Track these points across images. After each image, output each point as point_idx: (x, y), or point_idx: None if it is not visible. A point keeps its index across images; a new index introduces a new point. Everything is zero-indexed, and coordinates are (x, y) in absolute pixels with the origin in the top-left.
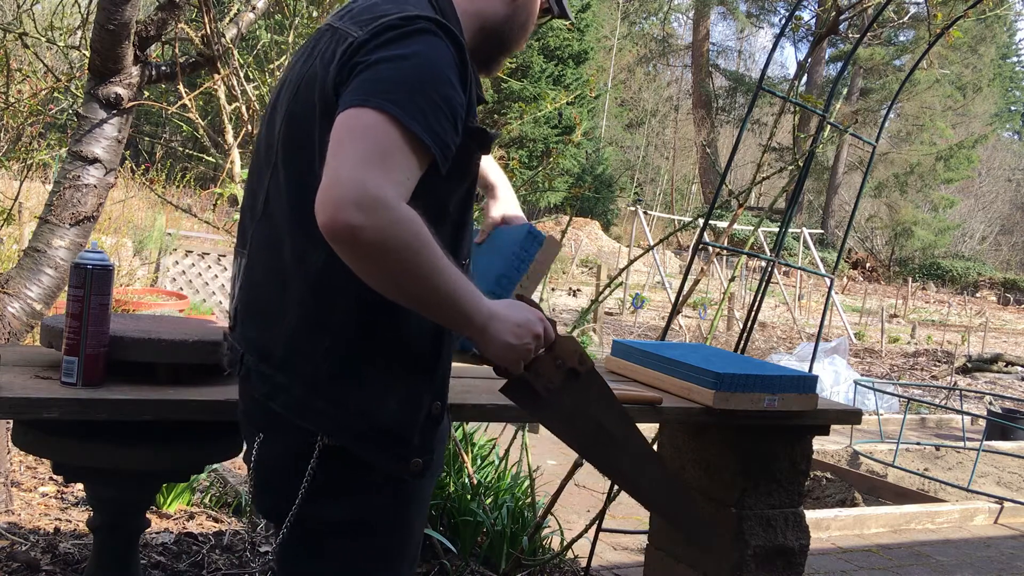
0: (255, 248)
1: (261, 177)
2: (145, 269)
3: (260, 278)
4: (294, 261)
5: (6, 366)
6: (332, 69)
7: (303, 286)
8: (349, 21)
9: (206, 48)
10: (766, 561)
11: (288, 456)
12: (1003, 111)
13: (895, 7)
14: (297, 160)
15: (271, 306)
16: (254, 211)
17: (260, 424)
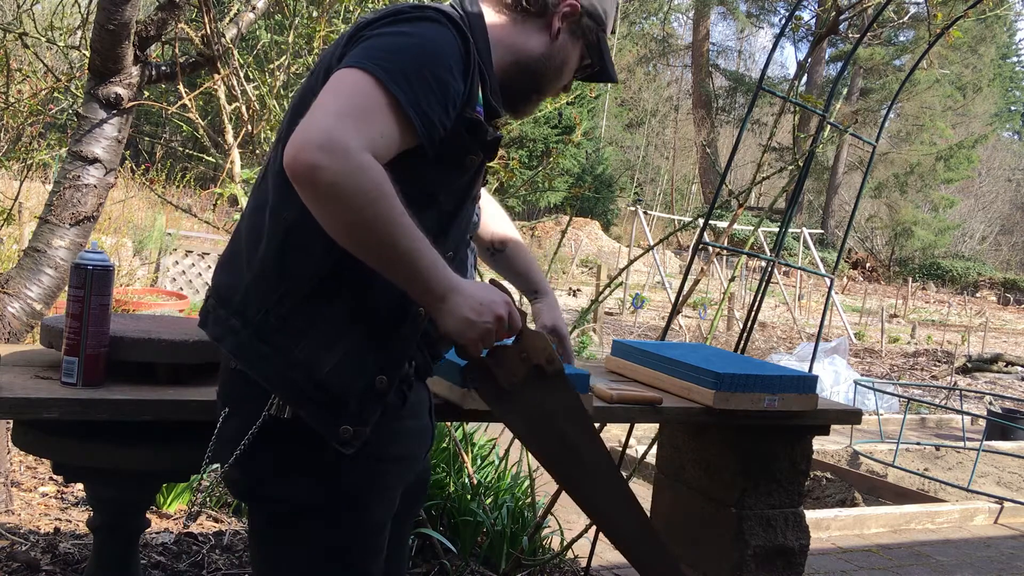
0: (246, 212)
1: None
2: (145, 269)
3: (242, 235)
4: (272, 218)
5: (6, 366)
6: (339, 48)
7: (273, 239)
8: (370, 17)
9: (206, 48)
10: (766, 561)
11: (244, 430)
12: (1003, 111)
13: (895, 7)
14: (291, 128)
15: (242, 257)
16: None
17: (226, 397)
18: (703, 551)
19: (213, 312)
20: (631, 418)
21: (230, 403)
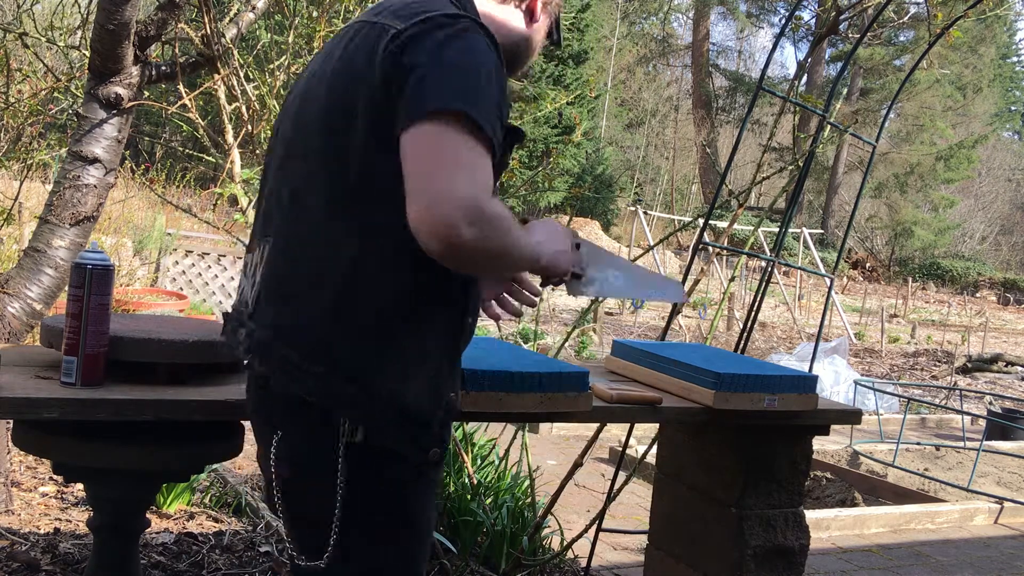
0: (285, 236)
1: (287, 168)
2: (145, 269)
3: (290, 266)
4: (329, 250)
5: (6, 366)
6: (378, 62)
7: (337, 274)
8: (388, 16)
9: (206, 48)
10: (766, 561)
11: (315, 451)
12: (1003, 111)
13: (895, 7)
14: (331, 150)
15: (303, 292)
16: (280, 201)
17: (278, 420)
18: (703, 551)
19: (280, 354)
20: (631, 418)
21: (282, 426)
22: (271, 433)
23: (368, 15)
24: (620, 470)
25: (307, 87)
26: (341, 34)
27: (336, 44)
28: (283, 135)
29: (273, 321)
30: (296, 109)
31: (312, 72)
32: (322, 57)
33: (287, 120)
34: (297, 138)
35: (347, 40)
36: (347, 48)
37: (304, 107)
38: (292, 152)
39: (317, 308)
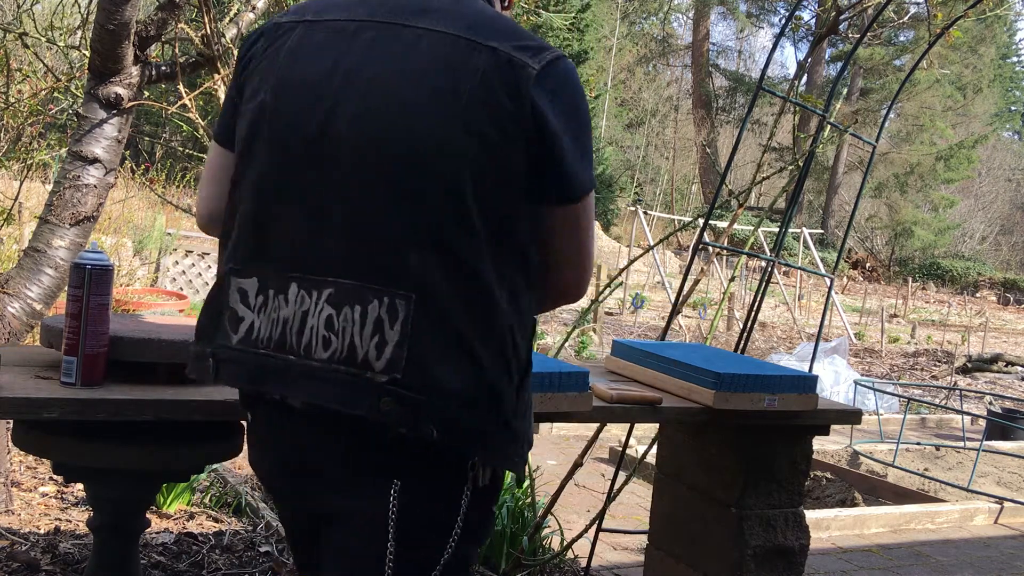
0: (423, 286)
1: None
2: (145, 269)
3: (446, 322)
4: (507, 303)
5: (6, 366)
6: (519, 111)
7: (501, 327)
8: (504, 42)
9: (206, 48)
10: (766, 561)
11: (439, 495)
12: (1003, 111)
13: (895, 7)
14: (471, 189)
15: (469, 352)
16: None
17: (397, 469)
18: (703, 551)
19: (454, 421)
20: (631, 418)
21: (402, 476)
22: (387, 484)
23: (462, 27)
24: (620, 470)
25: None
26: (404, 36)
27: (404, 47)
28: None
29: (438, 382)
30: (325, 113)
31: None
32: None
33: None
34: (383, 164)
35: (435, 52)
36: (452, 68)
37: (336, 112)
38: (380, 178)
39: (486, 362)
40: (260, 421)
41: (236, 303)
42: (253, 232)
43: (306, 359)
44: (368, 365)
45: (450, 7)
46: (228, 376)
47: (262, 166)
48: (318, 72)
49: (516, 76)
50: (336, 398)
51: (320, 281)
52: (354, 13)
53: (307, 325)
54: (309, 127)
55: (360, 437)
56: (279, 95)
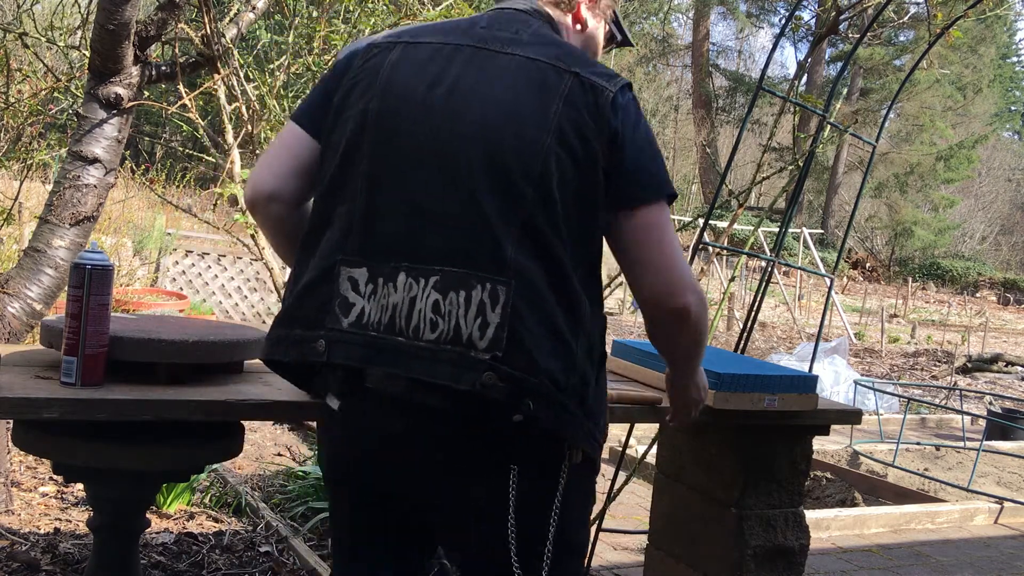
0: (525, 275)
1: (431, 186)
2: (145, 269)
3: (541, 309)
4: (588, 305)
5: (6, 366)
6: (599, 127)
7: (584, 318)
8: (584, 68)
9: (206, 48)
10: (766, 561)
11: (543, 475)
12: (1003, 111)
13: (895, 7)
14: (560, 194)
15: (565, 345)
16: (433, 221)
17: (511, 456)
18: (703, 551)
19: (548, 398)
20: (631, 418)
21: (518, 461)
22: (505, 469)
23: (550, 55)
24: (620, 470)
25: (466, 107)
26: (499, 59)
27: (500, 68)
28: (430, 145)
29: (544, 367)
30: (450, 124)
31: (464, 92)
32: (470, 78)
33: (436, 129)
34: (483, 167)
35: (528, 74)
36: (536, 86)
37: (479, 132)
38: (473, 180)
39: (578, 355)
40: (357, 411)
41: (347, 291)
42: (363, 227)
43: (414, 340)
44: (472, 344)
45: (536, 39)
46: (340, 355)
47: (370, 167)
48: (422, 83)
49: (596, 98)
50: (443, 374)
51: (428, 270)
52: (450, 38)
53: (415, 309)
54: (416, 132)
55: (469, 425)
56: (385, 102)
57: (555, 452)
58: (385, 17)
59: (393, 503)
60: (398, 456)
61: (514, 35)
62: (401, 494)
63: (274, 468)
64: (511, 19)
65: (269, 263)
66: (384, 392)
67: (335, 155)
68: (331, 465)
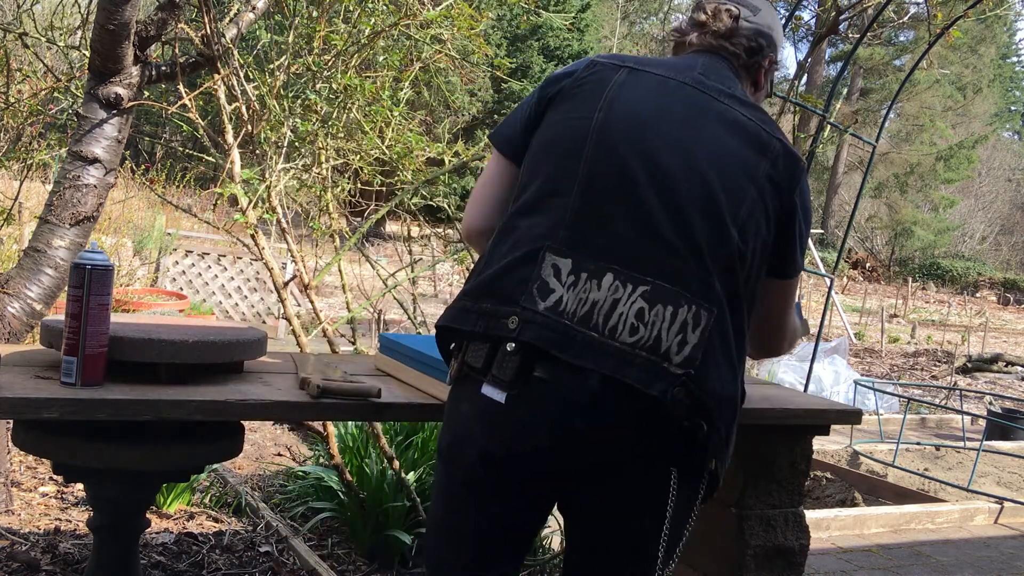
0: (724, 303)
1: (656, 201)
2: (145, 269)
3: (727, 341)
4: (741, 337)
5: (6, 366)
6: (791, 196)
7: (743, 358)
8: (783, 137)
9: (206, 48)
10: (766, 561)
11: (691, 485)
12: (1003, 111)
13: (895, 7)
14: (751, 249)
15: (736, 372)
16: (652, 234)
17: (673, 461)
18: (703, 551)
19: (716, 422)
20: None
21: (678, 466)
22: (664, 470)
23: (754, 118)
24: None
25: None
26: (717, 105)
27: (719, 113)
28: (652, 168)
29: (724, 393)
30: (680, 159)
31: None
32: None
33: (657, 156)
34: (700, 201)
35: (743, 126)
36: (758, 146)
37: (700, 167)
38: (693, 203)
39: (735, 376)
40: (529, 404)
41: (548, 276)
42: (576, 222)
43: (609, 339)
44: (668, 357)
45: (744, 97)
46: (531, 335)
47: (590, 170)
48: (649, 107)
49: (793, 169)
50: (635, 377)
51: (639, 279)
52: (673, 73)
53: (616, 311)
54: (640, 152)
55: (640, 427)
56: (612, 116)
57: (703, 463)
58: (385, 17)
59: (548, 492)
60: (566, 453)
61: (729, 89)
62: (562, 483)
63: (274, 468)
64: (722, 72)
65: (269, 263)
66: (559, 385)
67: (547, 152)
68: (485, 461)
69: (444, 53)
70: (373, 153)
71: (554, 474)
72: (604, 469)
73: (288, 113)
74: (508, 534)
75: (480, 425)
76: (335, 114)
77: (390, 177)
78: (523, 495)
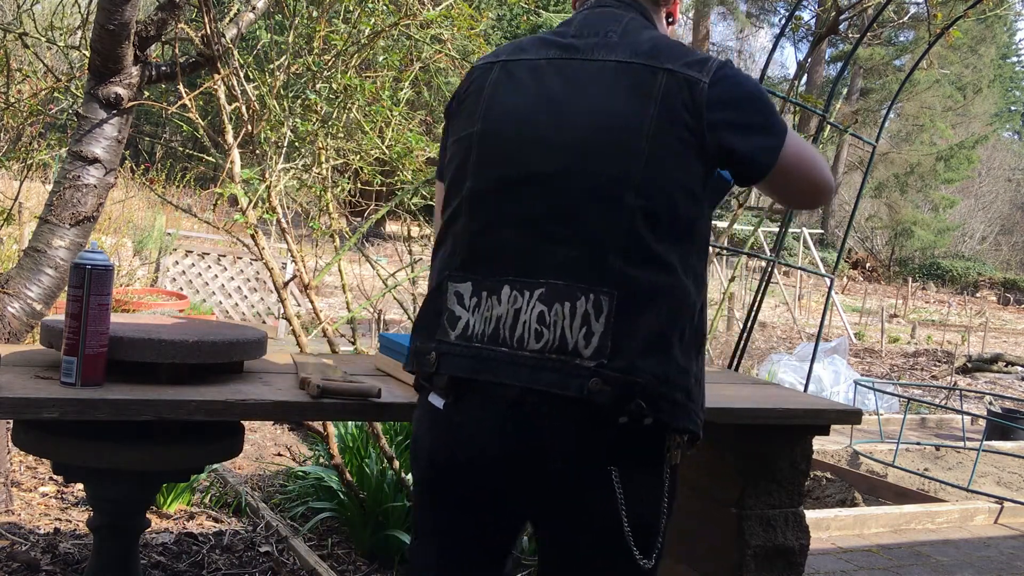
0: (627, 285)
1: (534, 201)
2: (145, 269)
3: (644, 314)
4: (687, 303)
5: (6, 366)
6: (699, 122)
7: (684, 312)
8: (676, 62)
9: (206, 48)
10: (766, 561)
11: (652, 470)
12: (1003, 111)
13: (895, 7)
14: (668, 201)
15: (669, 348)
16: (536, 235)
17: (615, 457)
18: (703, 551)
19: (670, 398)
20: None
21: (621, 462)
22: (605, 472)
23: (635, 57)
24: None
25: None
26: (589, 68)
27: (591, 77)
28: (534, 165)
29: (656, 370)
30: (556, 143)
31: (573, 105)
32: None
33: (556, 151)
34: (584, 179)
35: (620, 79)
36: (641, 92)
37: (578, 144)
38: (584, 195)
39: (679, 356)
40: (467, 413)
41: (453, 304)
42: (468, 243)
43: (518, 350)
44: (577, 353)
45: (626, 38)
46: (448, 367)
47: (475, 185)
48: (521, 103)
49: (692, 92)
50: (549, 382)
51: (533, 282)
52: (543, 53)
53: (519, 321)
54: (518, 150)
55: (575, 428)
56: (487, 124)
57: (657, 450)
58: (385, 17)
59: (498, 504)
60: (509, 460)
61: (603, 38)
62: (508, 496)
63: (274, 468)
64: (601, 19)
65: (269, 263)
66: (494, 396)
67: (446, 178)
68: (433, 464)
69: (444, 53)
70: (373, 153)
71: (496, 489)
72: (544, 480)
73: (288, 113)
74: (472, 542)
75: (427, 429)
76: (335, 114)
77: (390, 177)
78: (474, 503)
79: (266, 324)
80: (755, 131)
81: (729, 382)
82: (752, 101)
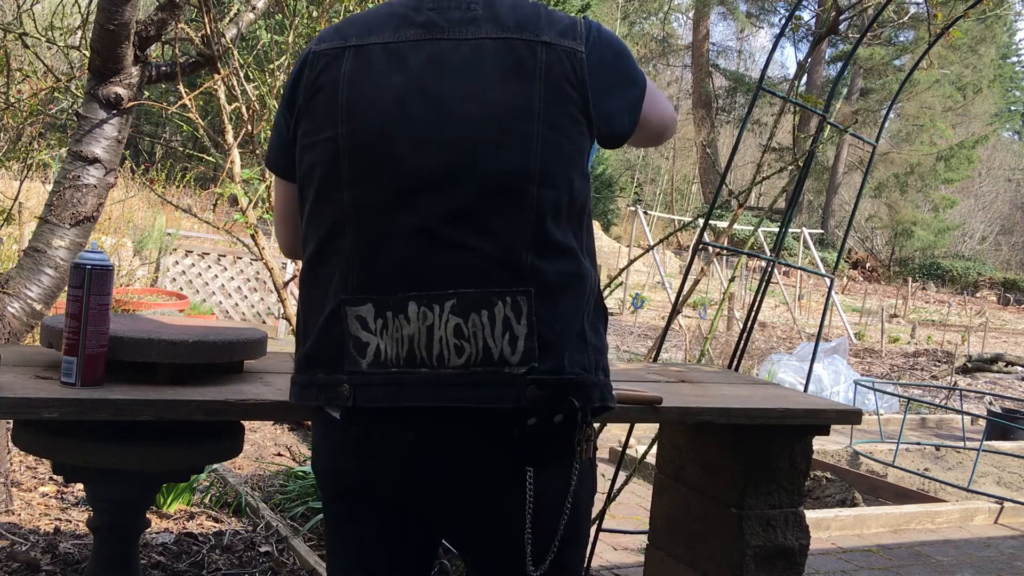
0: (554, 279)
1: (425, 209)
2: (145, 269)
3: (561, 303)
4: (588, 262)
5: (6, 366)
6: (583, 96)
7: (588, 289)
8: (550, 31)
9: (206, 48)
10: (766, 561)
11: (560, 476)
12: (1003, 111)
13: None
14: (568, 186)
15: (575, 327)
16: (436, 244)
17: (526, 459)
18: (703, 551)
19: (584, 386)
20: (631, 418)
21: (533, 463)
22: (519, 474)
23: (506, 31)
24: (620, 470)
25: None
26: (461, 49)
27: (464, 61)
28: (425, 166)
29: (582, 360)
30: (441, 139)
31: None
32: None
33: (437, 148)
34: (478, 175)
35: (498, 59)
36: (522, 71)
37: (464, 138)
38: (482, 195)
39: (586, 331)
40: (377, 428)
41: (357, 330)
42: (361, 261)
43: (439, 369)
44: (505, 361)
45: (488, 11)
46: (366, 398)
47: (355, 197)
48: (390, 97)
49: (573, 64)
50: (480, 398)
51: (441, 295)
52: (401, 34)
53: (434, 337)
54: (401, 154)
55: (484, 433)
56: (356, 125)
57: (567, 450)
58: None
59: (405, 514)
60: (417, 469)
61: (466, 11)
62: (416, 504)
63: (274, 468)
64: None
65: (269, 263)
66: (409, 418)
67: (311, 187)
68: (336, 476)
69: None
70: None
71: (412, 506)
72: (457, 486)
73: None
74: (396, 552)
75: (325, 441)
76: None
77: None
78: (391, 517)
79: (266, 324)
80: (625, 87)
81: (729, 382)
82: (621, 58)
